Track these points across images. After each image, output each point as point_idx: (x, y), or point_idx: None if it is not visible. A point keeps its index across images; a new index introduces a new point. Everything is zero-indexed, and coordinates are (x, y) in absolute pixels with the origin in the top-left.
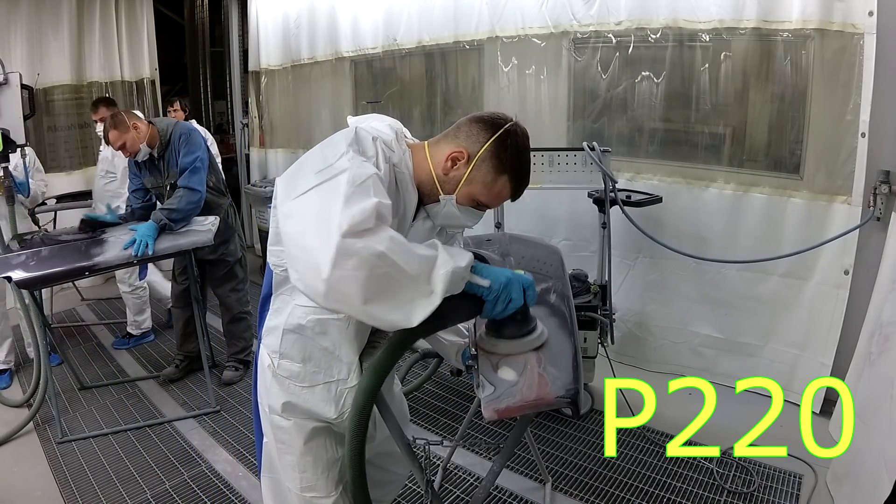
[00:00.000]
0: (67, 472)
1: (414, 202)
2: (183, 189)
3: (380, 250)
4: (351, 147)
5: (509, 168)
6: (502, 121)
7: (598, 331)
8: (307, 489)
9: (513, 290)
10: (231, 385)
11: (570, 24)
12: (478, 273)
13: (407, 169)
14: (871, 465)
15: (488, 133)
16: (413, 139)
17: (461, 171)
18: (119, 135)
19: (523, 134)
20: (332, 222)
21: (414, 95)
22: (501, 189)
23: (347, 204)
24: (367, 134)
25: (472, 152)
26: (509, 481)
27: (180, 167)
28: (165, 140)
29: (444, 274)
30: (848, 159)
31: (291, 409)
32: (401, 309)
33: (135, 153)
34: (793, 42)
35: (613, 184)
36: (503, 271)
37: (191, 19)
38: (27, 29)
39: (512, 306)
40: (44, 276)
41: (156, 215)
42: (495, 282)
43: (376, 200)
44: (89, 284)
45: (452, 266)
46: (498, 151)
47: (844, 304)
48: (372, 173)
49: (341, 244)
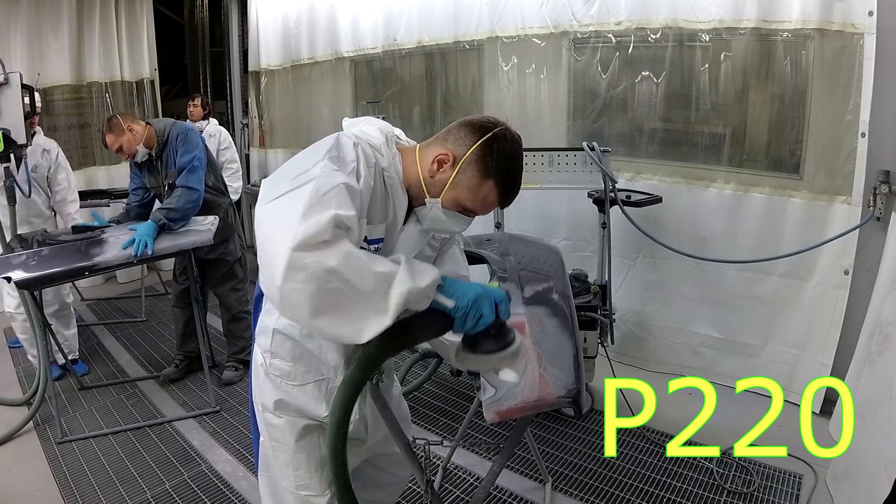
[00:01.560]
0: (67, 472)
1: (403, 206)
2: (181, 188)
3: (330, 265)
4: (328, 154)
5: (495, 173)
6: (491, 125)
7: (598, 331)
8: (301, 487)
9: (483, 306)
10: (231, 385)
11: (569, 24)
12: (445, 290)
13: (396, 173)
14: (870, 465)
15: (475, 136)
16: (408, 141)
17: (447, 174)
18: (115, 138)
19: (513, 139)
20: (287, 234)
21: (414, 95)
22: (487, 194)
23: (305, 215)
24: (348, 140)
25: (458, 155)
26: (509, 481)
27: (178, 166)
28: (163, 140)
29: (399, 294)
30: (848, 159)
31: (283, 406)
32: (350, 325)
33: (132, 155)
34: (793, 42)
35: (613, 184)
36: (472, 287)
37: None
38: (27, 29)
39: (483, 322)
40: (44, 275)
41: (155, 215)
42: (462, 299)
43: (333, 213)
44: (89, 284)
45: (409, 286)
46: (483, 155)
47: (844, 304)
48: (338, 183)
49: (291, 257)
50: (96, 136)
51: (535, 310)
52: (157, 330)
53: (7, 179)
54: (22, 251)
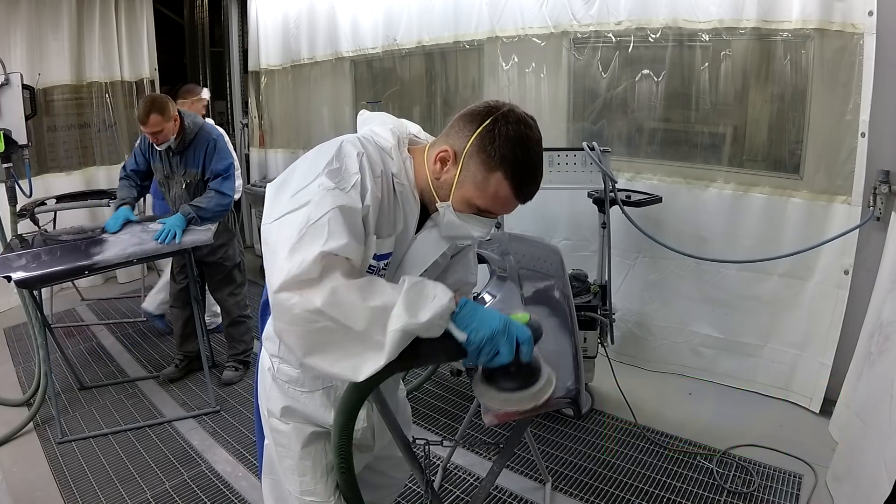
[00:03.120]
0: (67, 472)
1: (416, 213)
2: (214, 192)
3: (315, 306)
4: (328, 168)
5: (500, 162)
6: (493, 108)
7: (598, 331)
8: (307, 493)
9: (500, 344)
10: (231, 385)
11: (569, 23)
12: (459, 320)
13: (407, 179)
14: (870, 465)
15: (474, 125)
16: (428, 138)
17: (451, 172)
18: (161, 121)
19: (519, 120)
20: (274, 271)
21: (414, 95)
22: (497, 189)
23: (292, 251)
24: (352, 148)
25: (459, 149)
26: (509, 481)
27: (213, 172)
28: (189, 138)
29: (394, 332)
30: (848, 159)
31: (290, 413)
32: (346, 362)
33: (163, 143)
34: (793, 42)
35: (613, 184)
36: (492, 321)
37: (191, 19)
38: (27, 29)
39: (499, 360)
40: (44, 275)
41: (185, 209)
42: (476, 333)
43: (318, 251)
44: (89, 284)
45: (404, 323)
46: (484, 144)
47: (844, 304)
48: (330, 209)
49: (275, 299)
50: (96, 136)
51: (534, 309)
52: (157, 330)
53: (8, 179)
54: (22, 251)
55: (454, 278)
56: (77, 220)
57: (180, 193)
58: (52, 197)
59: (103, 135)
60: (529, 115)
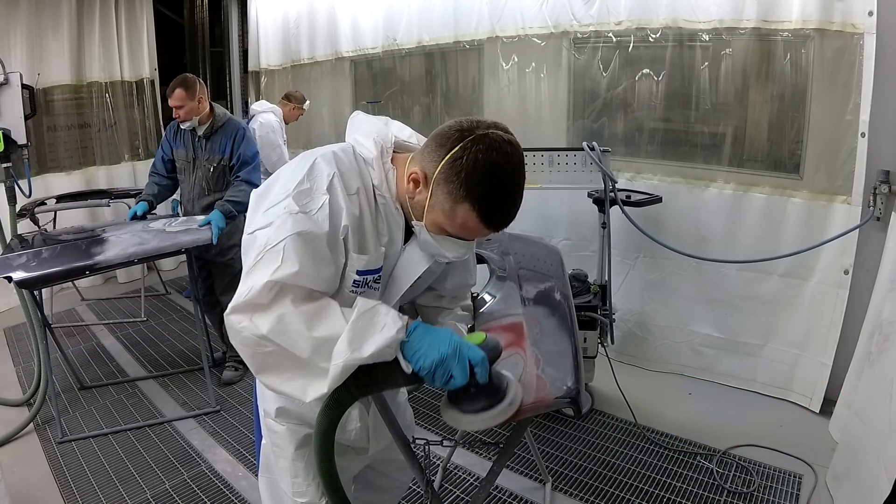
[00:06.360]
0: (67, 472)
1: (401, 224)
2: (245, 183)
3: (262, 332)
4: (298, 188)
5: (466, 194)
6: (466, 132)
7: (598, 331)
8: (298, 494)
9: (452, 367)
10: (231, 385)
11: (570, 23)
12: (406, 349)
13: (388, 191)
14: (870, 465)
15: (443, 150)
16: (419, 140)
17: (423, 195)
18: (185, 97)
19: (491, 146)
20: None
21: (414, 95)
22: (465, 219)
23: (246, 276)
24: (325, 168)
25: (430, 173)
26: (509, 481)
27: (241, 160)
28: (218, 125)
29: (336, 366)
30: (848, 159)
31: (285, 414)
32: (295, 382)
33: (184, 120)
34: (792, 42)
35: (613, 184)
36: (440, 345)
37: (191, 19)
38: (27, 29)
39: (454, 384)
40: (44, 275)
41: (224, 206)
42: (424, 360)
43: (266, 280)
44: (89, 284)
45: (345, 359)
46: (451, 174)
47: (844, 303)
48: (287, 236)
49: (227, 320)
50: (96, 136)
51: (534, 310)
52: (157, 330)
53: (7, 179)
54: (22, 251)
55: (453, 281)
56: (77, 220)
57: (199, 178)
58: (52, 197)
59: (103, 135)
60: (508, 138)
